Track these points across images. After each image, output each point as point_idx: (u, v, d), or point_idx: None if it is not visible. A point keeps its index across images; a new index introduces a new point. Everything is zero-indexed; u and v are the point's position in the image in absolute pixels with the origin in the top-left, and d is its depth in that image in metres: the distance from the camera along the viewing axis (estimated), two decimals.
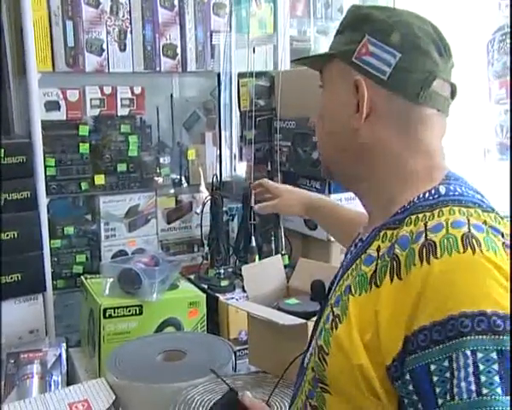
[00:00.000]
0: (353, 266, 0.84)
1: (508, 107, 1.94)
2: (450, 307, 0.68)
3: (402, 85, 0.83)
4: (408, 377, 0.70)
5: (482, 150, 2.07)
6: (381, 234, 0.81)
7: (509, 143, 1.95)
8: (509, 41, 1.88)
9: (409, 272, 0.72)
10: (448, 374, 0.67)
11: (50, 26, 1.90)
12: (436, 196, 0.80)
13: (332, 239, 1.82)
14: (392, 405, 0.74)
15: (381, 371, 0.73)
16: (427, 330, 0.69)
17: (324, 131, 0.92)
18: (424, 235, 0.74)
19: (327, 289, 0.98)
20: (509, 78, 1.90)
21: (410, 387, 0.70)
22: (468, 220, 0.74)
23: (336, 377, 0.79)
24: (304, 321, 1.31)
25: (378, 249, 0.80)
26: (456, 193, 0.80)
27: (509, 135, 1.95)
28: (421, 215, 0.77)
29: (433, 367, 0.68)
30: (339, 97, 0.88)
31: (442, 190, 0.81)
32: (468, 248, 0.70)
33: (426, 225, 0.75)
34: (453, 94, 0.88)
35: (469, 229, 0.73)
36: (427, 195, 0.81)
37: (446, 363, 0.67)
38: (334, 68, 0.89)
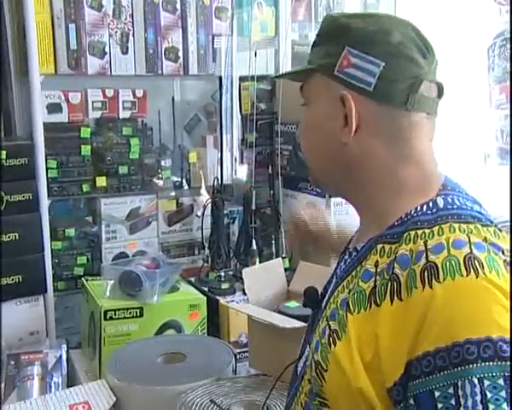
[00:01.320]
0: (348, 278, 0.83)
1: (508, 112, 1.95)
2: (455, 334, 0.67)
3: (389, 95, 0.81)
4: (412, 401, 0.69)
5: (482, 155, 2.08)
6: (379, 248, 0.80)
7: (508, 148, 1.95)
8: (509, 46, 1.89)
9: (410, 295, 0.71)
10: (453, 401, 0.66)
11: (53, 28, 1.91)
12: (434, 209, 0.78)
13: None
14: None
15: (382, 391, 0.72)
16: (431, 356, 0.68)
17: (310, 146, 0.89)
18: (425, 256, 0.72)
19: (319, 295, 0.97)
20: (509, 83, 1.91)
21: None
22: (469, 239, 0.73)
23: (335, 394, 0.78)
24: (304, 324, 1.31)
25: (376, 265, 0.78)
26: (455, 206, 0.78)
27: (509, 140, 1.96)
28: (420, 232, 0.75)
29: (437, 394, 0.67)
30: (325, 112, 0.85)
31: (440, 202, 0.79)
32: (471, 271, 0.69)
33: (426, 245, 0.73)
34: (440, 93, 0.86)
35: (471, 249, 0.71)
36: (424, 208, 0.79)
37: (451, 390, 0.66)
38: (316, 82, 0.86)
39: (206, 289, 2.03)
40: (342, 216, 1.87)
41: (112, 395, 1.46)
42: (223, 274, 2.11)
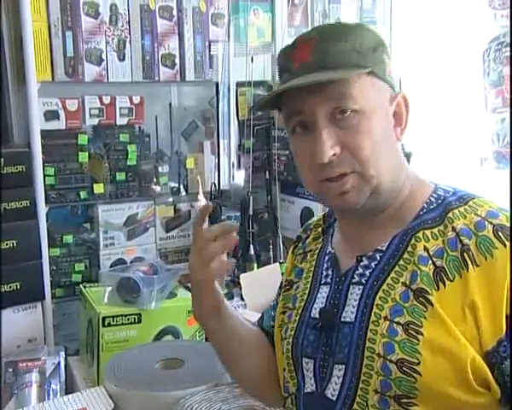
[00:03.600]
0: (392, 275, 0.85)
1: (504, 115, 1.96)
2: None
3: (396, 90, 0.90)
4: None
5: (479, 159, 2.08)
6: (419, 235, 0.85)
7: (505, 152, 1.96)
8: (504, 50, 1.90)
9: (491, 256, 0.78)
10: None
11: (50, 36, 1.91)
12: (449, 193, 0.88)
13: None
14: (496, 394, 0.78)
15: (483, 360, 0.77)
16: None
17: (383, 154, 0.86)
18: (487, 222, 0.81)
19: (318, 311, 0.93)
20: (505, 87, 1.91)
21: None
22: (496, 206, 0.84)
23: (430, 383, 0.78)
24: None
25: (426, 249, 0.83)
26: (451, 190, 0.89)
27: (505, 143, 1.96)
28: (461, 209, 0.84)
29: None
30: (384, 114, 0.87)
31: (440, 190, 0.89)
32: None
33: (478, 214, 0.82)
34: None
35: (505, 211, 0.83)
36: (439, 192, 0.88)
37: None
38: (366, 84, 0.85)
39: None
40: None
41: (110, 402, 1.46)
42: None
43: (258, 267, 2.13)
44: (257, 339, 1.08)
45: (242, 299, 1.97)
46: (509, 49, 1.89)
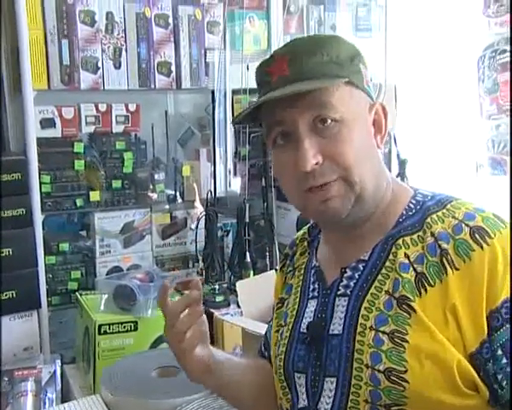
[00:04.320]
0: (375, 284, 0.85)
1: (499, 122, 1.97)
2: None
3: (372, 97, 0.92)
4: (500, 352, 0.76)
5: (474, 165, 2.09)
6: (400, 243, 0.85)
7: (500, 158, 1.97)
8: (498, 57, 1.91)
9: (469, 259, 0.79)
10: None
11: (46, 44, 1.91)
12: (428, 198, 0.88)
13: None
14: (485, 396, 0.78)
15: (468, 362, 0.78)
16: (509, 301, 0.76)
17: (367, 162, 0.86)
18: (464, 224, 0.82)
19: (307, 326, 0.93)
20: (500, 93, 1.93)
21: (504, 360, 0.76)
22: (473, 207, 0.85)
23: (419, 389, 0.79)
24: None
25: (407, 256, 0.84)
26: (430, 194, 0.90)
27: (500, 150, 1.98)
28: (439, 213, 0.84)
29: None
30: (365, 122, 0.88)
31: (419, 195, 0.90)
32: (504, 222, 0.82)
33: (455, 218, 0.82)
34: None
35: (483, 212, 0.84)
36: (418, 198, 0.89)
37: None
38: (345, 93, 0.86)
39: None
40: None
41: None
42: (217, 287, 2.11)
43: (254, 274, 2.13)
44: (258, 370, 1.08)
45: (238, 306, 1.97)
46: (503, 56, 1.90)
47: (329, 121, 0.84)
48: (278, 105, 0.85)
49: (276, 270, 2.07)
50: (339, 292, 0.90)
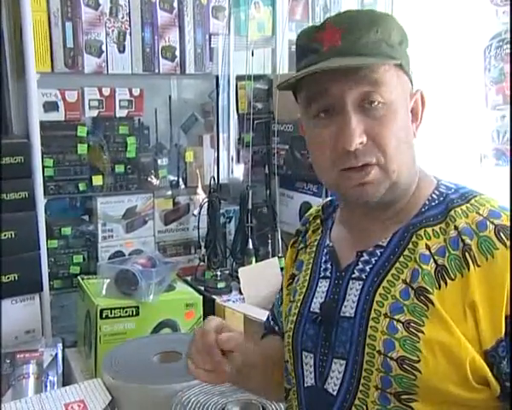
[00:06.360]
0: (392, 272, 0.84)
1: (504, 113, 1.96)
2: None
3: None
4: None
5: (478, 156, 2.08)
6: (421, 233, 0.84)
7: (504, 149, 1.96)
8: (505, 47, 1.90)
9: (492, 257, 0.78)
10: None
11: (50, 27, 1.91)
12: (451, 190, 0.87)
13: None
14: (496, 391, 0.78)
15: (483, 358, 0.77)
16: None
17: (405, 146, 0.85)
18: (489, 222, 0.80)
19: (319, 306, 0.92)
20: (506, 84, 1.91)
21: None
22: (497, 204, 0.84)
23: (430, 380, 0.78)
24: None
25: (428, 247, 0.83)
26: (454, 186, 0.89)
27: (505, 141, 1.96)
28: (463, 207, 0.83)
29: None
30: (405, 107, 0.87)
31: (442, 187, 0.88)
32: None
33: (480, 214, 0.82)
34: None
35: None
36: (441, 189, 0.88)
37: None
38: (392, 75, 0.84)
39: (202, 288, 2.03)
40: None
41: (107, 394, 1.46)
42: (219, 273, 2.11)
43: (256, 261, 2.13)
44: (277, 350, 1.05)
45: (240, 293, 1.97)
46: (509, 46, 1.89)
47: (377, 102, 0.82)
48: (324, 76, 0.82)
49: (278, 257, 2.07)
50: (353, 275, 0.89)
